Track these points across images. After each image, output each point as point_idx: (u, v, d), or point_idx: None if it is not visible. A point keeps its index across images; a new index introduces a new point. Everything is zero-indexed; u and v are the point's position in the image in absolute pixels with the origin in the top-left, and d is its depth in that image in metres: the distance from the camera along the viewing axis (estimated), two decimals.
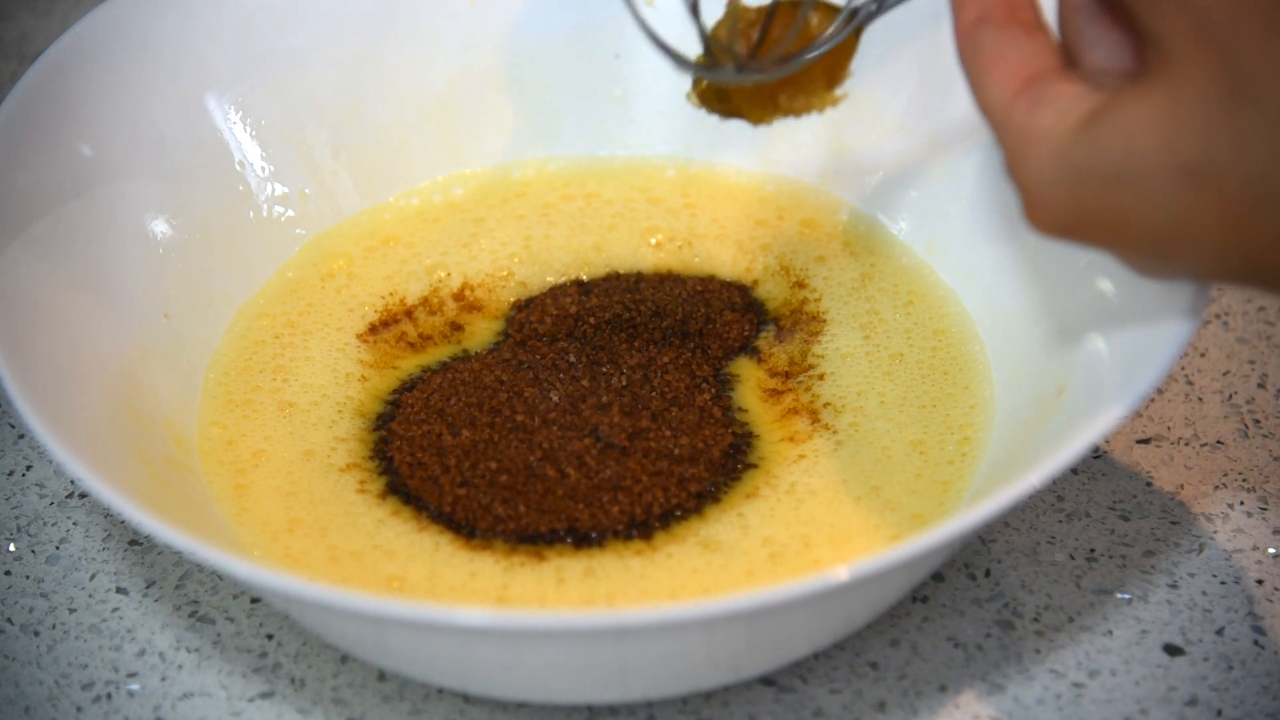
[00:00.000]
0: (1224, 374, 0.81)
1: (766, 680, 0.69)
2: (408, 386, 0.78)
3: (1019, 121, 0.58)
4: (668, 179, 0.88)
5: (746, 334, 0.79)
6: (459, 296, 0.82)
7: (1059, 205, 0.58)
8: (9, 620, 0.72)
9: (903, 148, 0.83)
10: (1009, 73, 0.59)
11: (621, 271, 0.83)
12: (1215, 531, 0.74)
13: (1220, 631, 0.71)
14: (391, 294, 0.82)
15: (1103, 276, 0.71)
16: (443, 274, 0.83)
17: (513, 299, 0.82)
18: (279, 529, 0.71)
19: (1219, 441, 0.78)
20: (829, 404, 0.76)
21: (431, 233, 0.85)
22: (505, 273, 0.83)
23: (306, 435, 0.75)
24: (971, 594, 0.72)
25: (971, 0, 0.61)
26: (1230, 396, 0.80)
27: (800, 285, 0.82)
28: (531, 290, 0.82)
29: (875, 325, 0.79)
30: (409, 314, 0.81)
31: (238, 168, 0.82)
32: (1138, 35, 0.57)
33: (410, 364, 0.79)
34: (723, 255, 0.84)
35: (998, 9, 0.61)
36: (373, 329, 0.80)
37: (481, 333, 0.80)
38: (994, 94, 0.60)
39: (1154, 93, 0.55)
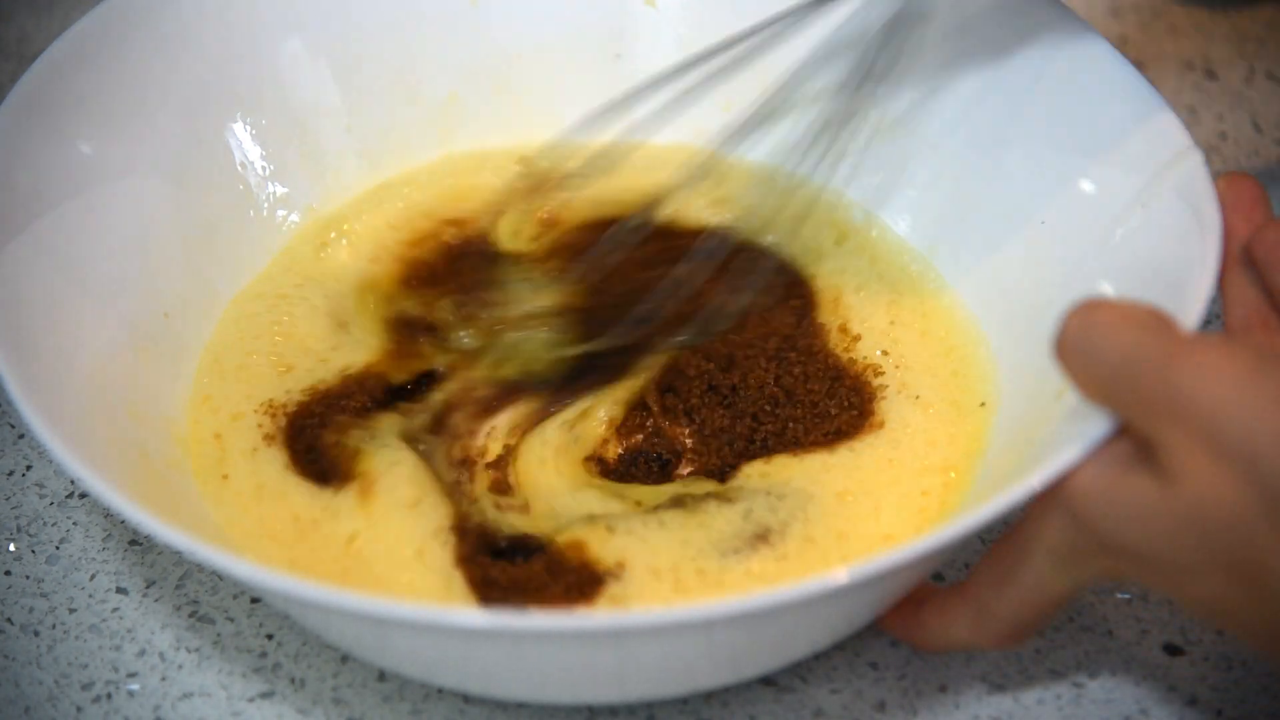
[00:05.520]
0: None
1: (766, 680, 0.69)
2: (407, 382, 0.77)
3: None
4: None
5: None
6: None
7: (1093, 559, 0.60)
8: (9, 620, 0.72)
9: (903, 148, 0.82)
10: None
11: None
12: None
13: (1220, 631, 0.71)
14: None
15: (1102, 277, 0.71)
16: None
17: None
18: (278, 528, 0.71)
19: None
20: None
21: None
22: None
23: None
24: None
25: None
26: None
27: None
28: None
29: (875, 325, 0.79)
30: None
31: (239, 168, 0.82)
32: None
33: (411, 363, 0.78)
34: None
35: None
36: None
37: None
38: None
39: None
